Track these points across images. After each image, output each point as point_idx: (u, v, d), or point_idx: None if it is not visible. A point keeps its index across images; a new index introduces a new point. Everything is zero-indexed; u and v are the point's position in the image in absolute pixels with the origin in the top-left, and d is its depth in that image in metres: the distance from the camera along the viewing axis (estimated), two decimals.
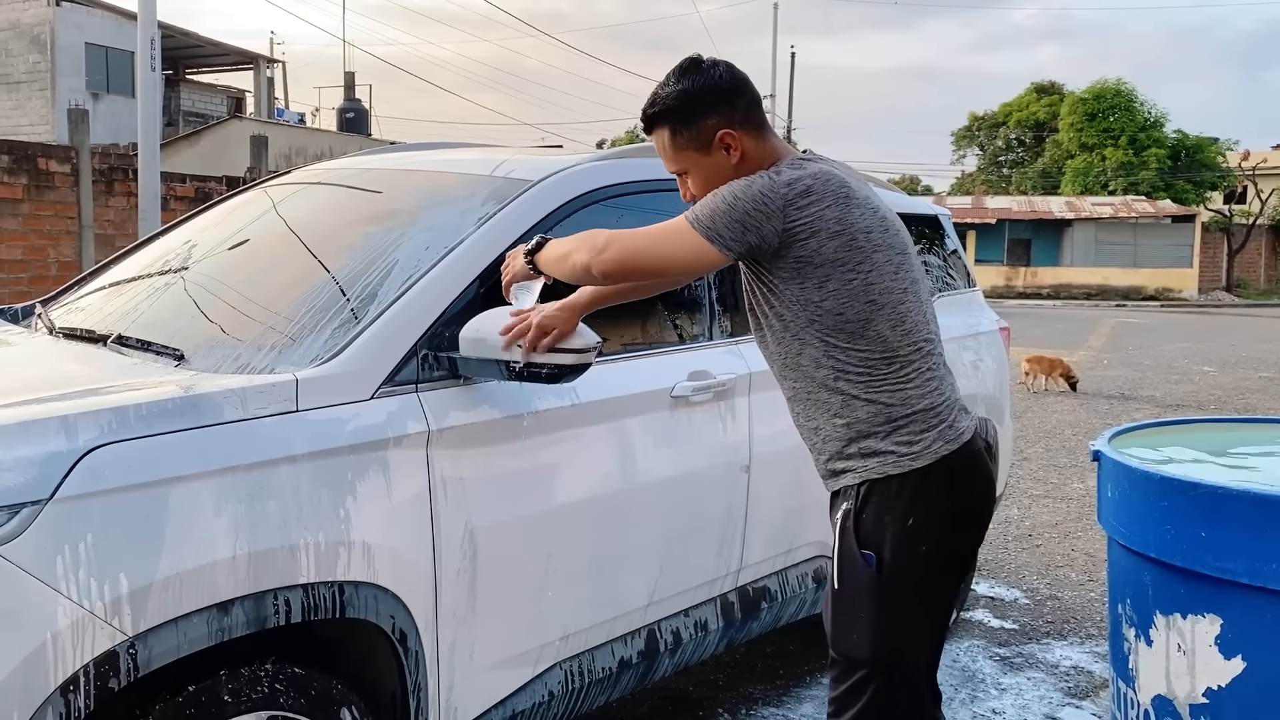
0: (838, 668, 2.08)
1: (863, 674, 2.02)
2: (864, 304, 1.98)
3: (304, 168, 3.56)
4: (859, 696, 2.02)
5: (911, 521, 1.98)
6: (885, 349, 2.00)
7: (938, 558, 2.01)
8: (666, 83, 2.13)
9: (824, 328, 2.00)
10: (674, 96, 2.11)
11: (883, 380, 2.00)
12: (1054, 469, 7.64)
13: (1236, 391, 11.84)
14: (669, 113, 2.11)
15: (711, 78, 2.11)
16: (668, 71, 2.15)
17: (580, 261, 2.09)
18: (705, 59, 2.15)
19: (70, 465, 1.80)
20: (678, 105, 2.10)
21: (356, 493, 2.16)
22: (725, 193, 1.99)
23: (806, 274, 1.98)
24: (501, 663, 2.49)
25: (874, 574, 1.99)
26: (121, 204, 9.66)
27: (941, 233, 4.55)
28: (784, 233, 1.95)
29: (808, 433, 2.14)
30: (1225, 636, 2.10)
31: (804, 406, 2.11)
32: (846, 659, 2.05)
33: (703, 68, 2.12)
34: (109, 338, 2.52)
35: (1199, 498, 2.12)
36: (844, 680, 2.05)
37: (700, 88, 2.10)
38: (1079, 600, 4.80)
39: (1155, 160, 38.26)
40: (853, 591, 2.02)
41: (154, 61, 8.39)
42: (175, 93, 29.88)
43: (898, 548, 1.99)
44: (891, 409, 1.99)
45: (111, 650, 1.81)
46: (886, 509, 1.99)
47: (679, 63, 2.15)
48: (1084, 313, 27.45)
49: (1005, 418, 4.51)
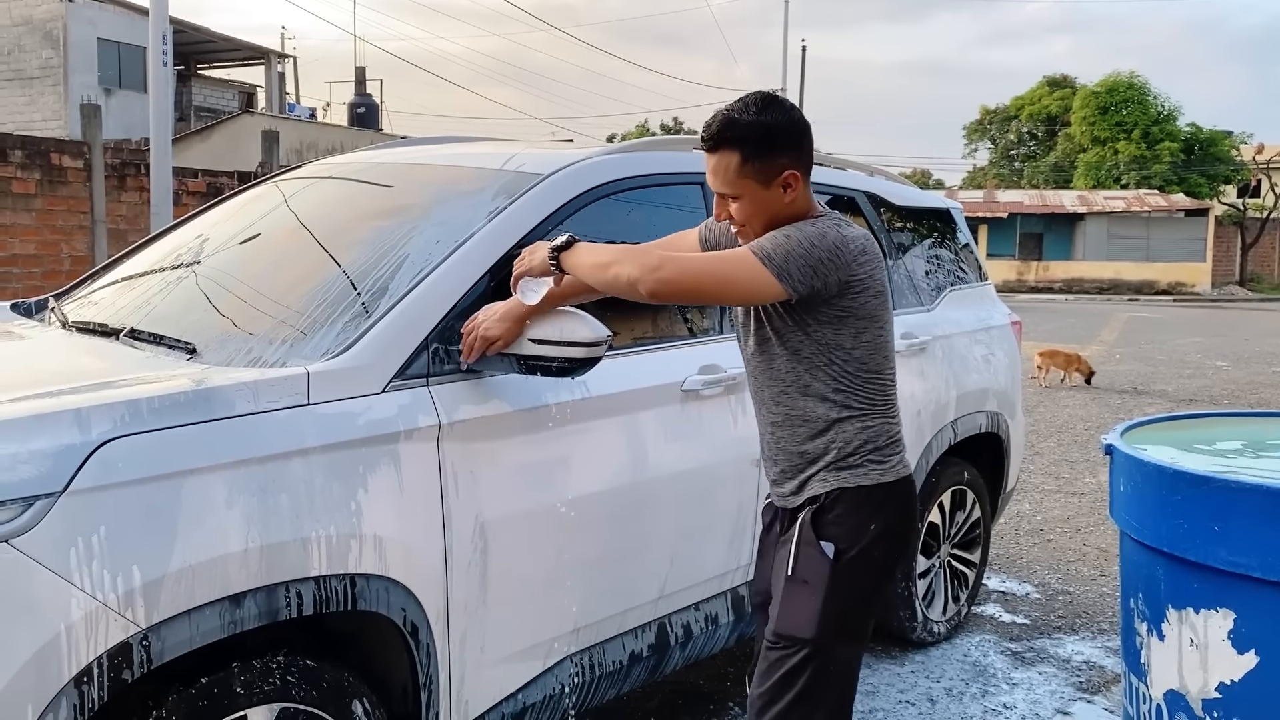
0: (778, 651, 2.17)
1: (805, 653, 2.13)
2: (882, 355, 2.23)
3: (315, 162, 3.56)
4: (797, 678, 2.13)
5: (874, 527, 2.19)
6: (883, 388, 2.24)
7: (885, 563, 2.23)
8: (745, 110, 2.15)
9: (842, 370, 2.19)
10: (756, 127, 2.13)
11: (876, 412, 2.23)
12: (1066, 464, 7.62)
13: (1250, 386, 11.78)
14: (747, 141, 2.13)
15: (791, 118, 2.17)
16: (745, 99, 2.17)
17: (628, 275, 2.11)
18: (782, 97, 2.21)
19: (83, 458, 1.81)
20: (759, 136, 2.13)
21: (368, 486, 2.17)
22: (799, 237, 2.09)
23: (846, 323, 2.16)
24: (513, 655, 2.49)
25: (831, 562, 2.16)
26: (134, 199, 9.70)
27: (953, 226, 4.53)
28: (843, 284, 2.12)
29: (791, 455, 2.27)
30: (1238, 631, 2.09)
31: (793, 430, 2.25)
32: (791, 639, 2.15)
33: (784, 106, 2.18)
34: (121, 331, 2.53)
35: (1212, 491, 2.11)
36: (783, 664, 2.15)
37: (781, 125, 2.15)
38: (1091, 595, 4.79)
39: (1168, 154, 38.04)
40: (807, 577, 2.17)
41: (166, 57, 8.40)
42: (187, 88, 29.97)
43: (857, 544, 2.17)
44: (879, 436, 2.22)
45: (125, 642, 1.82)
46: (853, 512, 2.18)
47: (757, 94, 2.18)
48: (1096, 307, 27.34)
49: (1017, 412, 4.50)
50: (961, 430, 3.99)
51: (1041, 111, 45.53)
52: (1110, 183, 38.76)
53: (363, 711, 2.20)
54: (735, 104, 2.17)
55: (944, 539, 4.09)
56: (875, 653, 3.98)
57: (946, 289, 4.20)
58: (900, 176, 4.49)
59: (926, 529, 3.94)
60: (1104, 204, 34.90)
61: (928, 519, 3.93)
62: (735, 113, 2.15)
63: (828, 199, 3.75)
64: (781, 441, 2.28)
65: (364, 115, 27.05)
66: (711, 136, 2.16)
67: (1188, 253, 33.63)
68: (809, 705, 2.13)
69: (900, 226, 4.08)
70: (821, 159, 4.06)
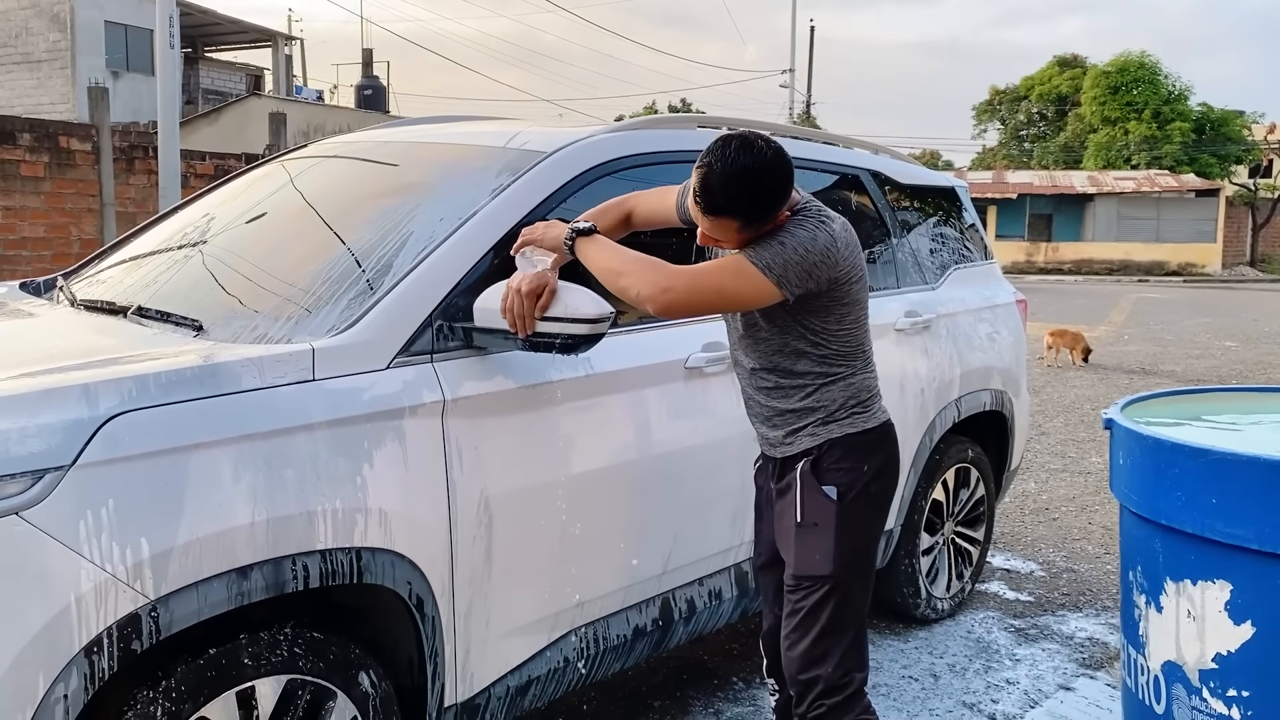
0: (800, 592, 2.35)
1: (826, 589, 2.32)
2: (862, 329, 2.39)
3: (319, 141, 3.58)
4: (821, 612, 2.32)
5: (867, 467, 2.37)
6: (863, 351, 2.41)
7: (881, 499, 2.43)
8: (733, 176, 2.14)
9: (828, 345, 2.34)
10: (748, 201, 2.16)
11: (856, 375, 2.39)
12: (1072, 443, 7.62)
13: (1259, 366, 11.75)
14: (743, 213, 2.18)
15: (778, 173, 2.17)
16: (730, 158, 2.14)
17: (636, 292, 2.22)
18: (759, 142, 2.17)
19: (92, 432, 1.84)
20: (754, 209, 2.17)
21: (373, 460, 2.19)
22: (794, 244, 2.20)
23: (832, 310, 2.31)
24: (518, 629, 2.52)
25: (836, 504, 2.34)
26: (142, 181, 9.73)
27: (959, 205, 4.52)
28: (834, 280, 2.26)
29: (778, 416, 2.42)
30: (1235, 602, 2.11)
31: (781, 396, 2.40)
32: (812, 578, 2.33)
33: (768, 160, 2.15)
34: (129, 309, 2.55)
35: (1209, 464, 2.12)
36: (806, 601, 2.34)
37: (772, 188, 2.17)
38: (1095, 573, 4.80)
39: (1179, 134, 37.76)
40: (816, 520, 2.34)
41: (173, 39, 8.41)
42: (194, 71, 29.96)
43: (856, 485, 2.35)
44: (861, 392, 2.39)
45: (134, 613, 1.85)
46: (848, 456, 2.35)
47: (736, 152, 2.14)
48: (1106, 288, 27.24)
49: (1022, 390, 4.51)
50: (966, 408, 4.00)
51: (1051, 92, 45.22)
52: (1120, 163, 38.53)
53: (369, 683, 2.24)
54: (724, 165, 2.15)
55: (948, 516, 4.10)
56: (879, 629, 4.00)
57: (951, 267, 4.20)
58: (905, 155, 4.48)
59: (931, 506, 3.96)
60: (1114, 185, 34.70)
61: (932, 496, 3.95)
62: (725, 178, 2.15)
63: (833, 178, 3.76)
64: (771, 404, 2.43)
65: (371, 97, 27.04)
66: (713, 209, 2.18)
67: (1198, 233, 33.45)
68: (835, 634, 2.32)
69: (905, 205, 4.08)
70: (826, 137, 4.06)
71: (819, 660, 2.32)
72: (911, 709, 3.39)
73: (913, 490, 3.81)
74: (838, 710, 2.32)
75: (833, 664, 2.32)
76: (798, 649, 2.34)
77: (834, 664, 2.32)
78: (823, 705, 2.32)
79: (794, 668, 2.35)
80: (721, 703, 3.41)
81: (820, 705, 2.32)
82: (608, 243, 2.33)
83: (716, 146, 2.18)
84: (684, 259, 2.89)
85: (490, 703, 2.50)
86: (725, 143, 2.17)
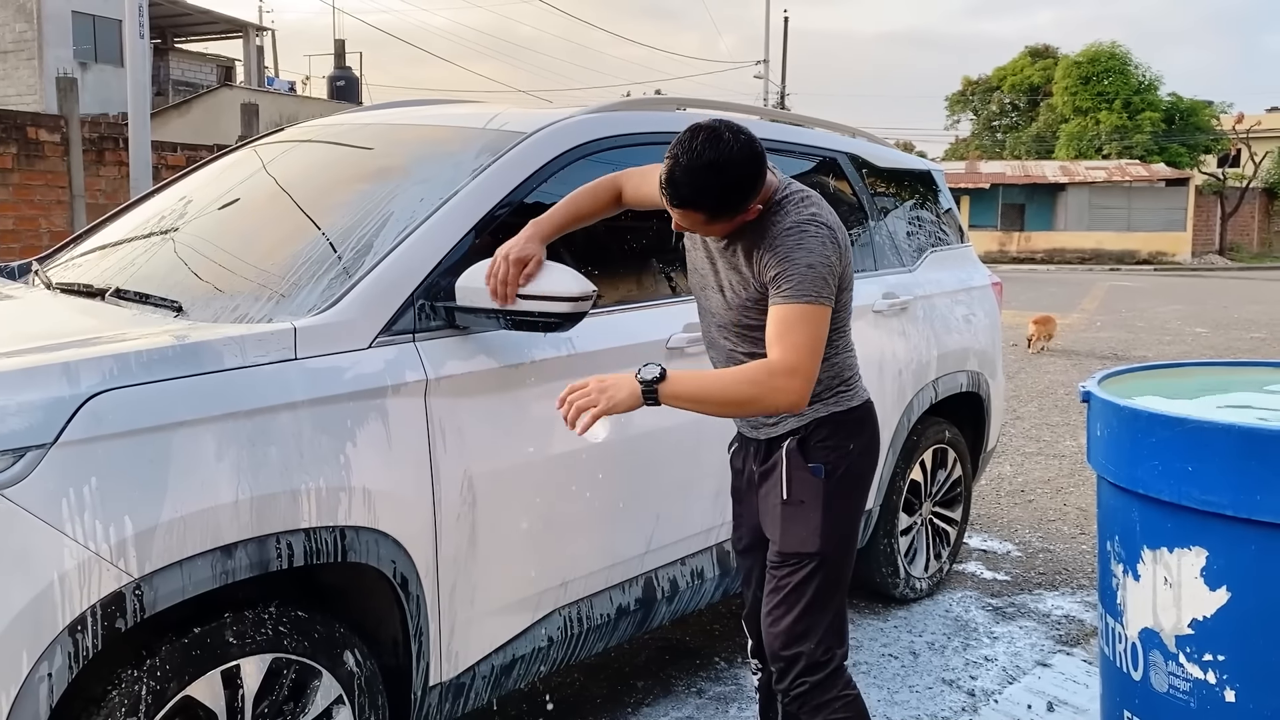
0: (786, 568, 2.36)
1: (813, 565, 2.34)
2: (847, 312, 2.39)
3: (295, 125, 3.56)
4: (807, 588, 2.34)
5: (853, 445, 2.39)
6: (846, 335, 2.42)
7: (864, 476, 2.45)
8: (698, 170, 2.08)
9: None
10: (714, 195, 2.11)
11: (839, 355, 2.38)
12: (1047, 427, 7.70)
13: (1228, 352, 11.91)
14: (709, 207, 2.13)
15: (746, 166, 2.10)
16: (696, 150, 2.08)
17: (774, 405, 2.15)
18: (726, 133, 2.10)
19: (73, 410, 1.83)
20: (721, 203, 2.12)
21: (356, 439, 2.19)
22: (813, 261, 2.16)
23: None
24: (502, 608, 2.53)
25: (823, 482, 2.35)
26: (113, 173, 9.63)
27: (935, 189, 4.56)
28: (840, 275, 2.26)
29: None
30: (1210, 568, 2.14)
31: None
32: (799, 555, 2.34)
33: (734, 153, 2.09)
34: (107, 291, 2.53)
35: (1185, 433, 2.15)
36: (792, 578, 2.35)
37: (739, 182, 2.11)
38: (1070, 552, 4.86)
39: (1149, 124, 38.12)
40: (803, 498, 2.35)
41: (142, 29, 8.31)
42: (164, 62, 29.62)
43: (842, 463, 2.37)
44: (844, 371, 2.40)
45: (118, 591, 1.84)
46: (833, 435, 2.36)
47: (702, 144, 2.09)
48: (1078, 276, 27.48)
49: (998, 372, 4.55)
50: (943, 389, 4.03)
51: (1023, 82, 45.51)
52: (1092, 153, 38.84)
53: (354, 662, 2.24)
54: (689, 159, 2.09)
55: (926, 497, 4.14)
56: (859, 608, 4.03)
57: (928, 250, 4.23)
58: (882, 139, 4.50)
59: (909, 486, 4.00)
60: (1085, 174, 34.96)
61: (910, 476, 3.98)
62: (690, 171, 2.09)
63: (811, 162, 3.78)
64: None
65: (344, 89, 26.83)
66: (679, 201, 2.14)
67: (1168, 222, 33.76)
68: (818, 611, 2.34)
69: (882, 188, 4.10)
70: (804, 120, 4.08)
71: (802, 637, 2.33)
72: (892, 686, 3.43)
73: (891, 471, 3.84)
74: (820, 687, 2.33)
75: (815, 640, 2.33)
76: (781, 625, 2.35)
77: (816, 640, 2.33)
78: (805, 683, 2.33)
79: (777, 644, 2.36)
80: (704, 682, 3.43)
81: (803, 682, 2.33)
82: (688, 377, 2.18)
83: (684, 138, 2.12)
84: (664, 241, 2.91)
85: (475, 681, 2.50)
86: (693, 134, 2.12)
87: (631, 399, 2.14)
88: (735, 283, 2.31)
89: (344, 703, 2.23)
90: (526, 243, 2.37)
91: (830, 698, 2.33)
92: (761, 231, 2.22)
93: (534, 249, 2.36)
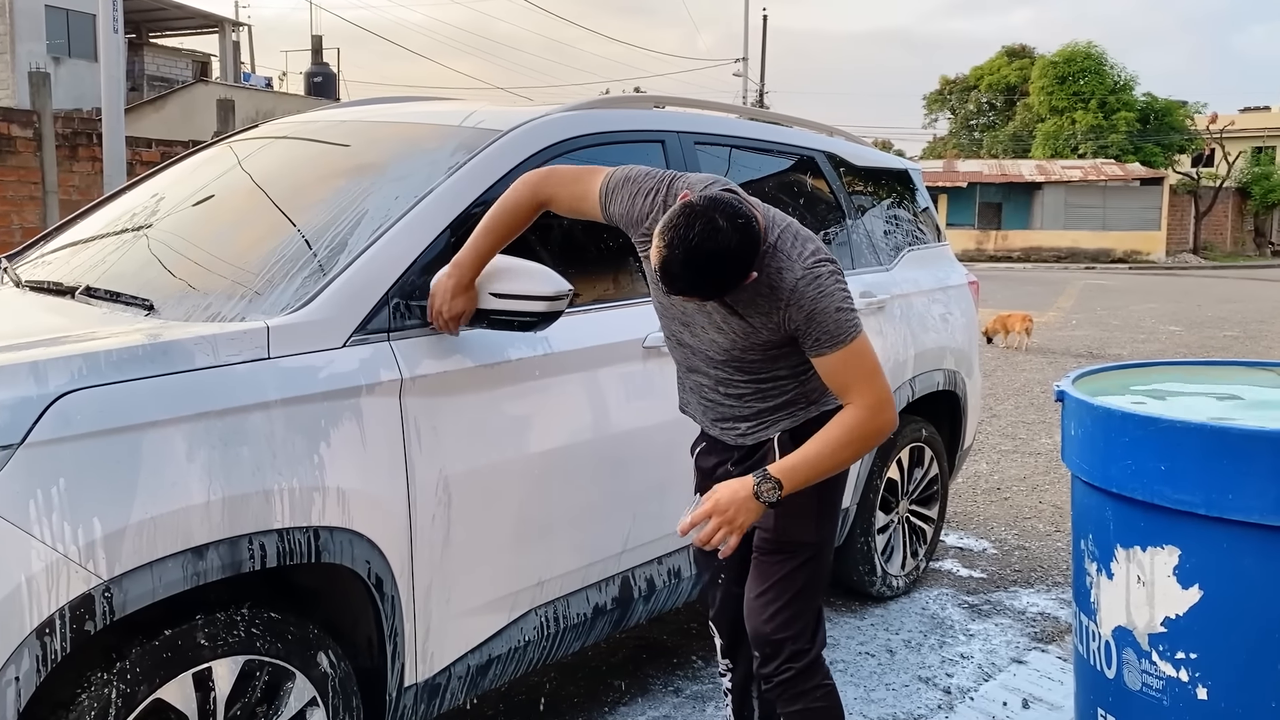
0: (780, 556, 2.39)
1: (811, 553, 2.40)
2: None
3: (270, 123, 3.53)
4: (799, 575, 2.38)
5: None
6: None
7: (845, 474, 2.47)
8: (695, 264, 1.99)
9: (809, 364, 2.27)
10: (712, 284, 2.04)
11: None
12: (1022, 425, 7.75)
13: (1201, 350, 12.02)
14: (706, 294, 2.07)
15: (743, 254, 2.02)
16: (693, 242, 1.97)
17: (880, 439, 2.22)
18: (721, 219, 2.00)
19: (41, 411, 1.80)
20: (722, 287, 2.05)
21: (330, 439, 2.17)
22: (837, 303, 2.14)
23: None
24: (478, 608, 2.51)
25: None
26: (86, 169, 9.51)
27: (912, 188, 4.57)
28: None
29: (754, 415, 2.38)
30: (1183, 567, 2.16)
31: (761, 399, 2.36)
32: (796, 543, 2.38)
33: (734, 239, 2.00)
34: (77, 289, 2.50)
35: (1158, 432, 2.17)
36: (785, 566, 2.38)
37: (737, 270, 2.03)
38: (1046, 550, 4.89)
39: (1124, 123, 38.43)
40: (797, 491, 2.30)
41: (116, 23, 8.22)
42: (139, 57, 29.36)
43: None
44: (817, 389, 2.36)
45: (87, 594, 1.81)
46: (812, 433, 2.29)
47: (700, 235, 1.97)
48: (1053, 275, 27.66)
49: (974, 371, 4.57)
50: (919, 388, 4.04)
51: (1000, 82, 45.80)
52: (1068, 152, 39.11)
53: (328, 664, 2.22)
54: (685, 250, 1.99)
55: (902, 495, 4.15)
56: (835, 606, 4.04)
57: (905, 249, 4.24)
58: (859, 138, 4.51)
59: (886, 485, 4.01)
60: (1061, 173, 35.20)
61: (887, 475, 3.99)
62: (690, 268, 2.00)
63: (790, 160, 3.78)
64: (744, 404, 2.38)
65: (321, 85, 26.66)
66: (672, 289, 2.07)
67: (1143, 221, 34.04)
68: (807, 597, 2.40)
69: (860, 187, 4.11)
70: (783, 119, 4.09)
71: (790, 623, 2.36)
72: (868, 684, 3.44)
73: (868, 469, 3.85)
74: (804, 675, 2.37)
75: (800, 628, 2.37)
76: (770, 610, 2.37)
77: (801, 628, 2.37)
78: (790, 669, 2.36)
79: (767, 629, 2.37)
80: (681, 680, 3.43)
81: (788, 669, 2.36)
82: (800, 468, 2.17)
83: (678, 223, 2.00)
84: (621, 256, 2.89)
85: (451, 682, 2.49)
86: (688, 220, 1.99)
87: (751, 516, 2.18)
88: (738, 329, 2.24)
89: (318, 704, 2.21)
90: (454, 300, 2.34)
91: (812, 685, 2.38)
92: (766, 283, 2.14)
93: (461, 305, 2.35)
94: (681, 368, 2.47)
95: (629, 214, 2.30)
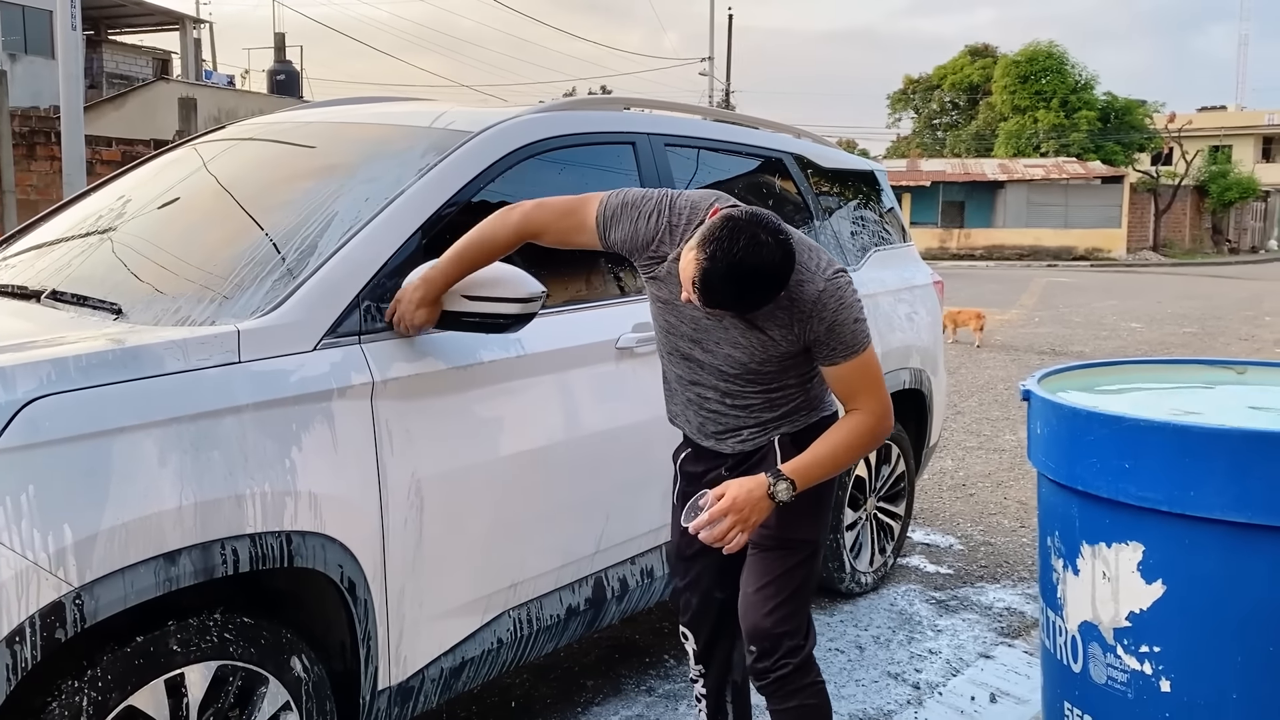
0: (780, 552, 2.40)
1: (809, 550, 2.44)
2: None
3: (237, 124, 3.50)
4: (800, 571, 2.43)
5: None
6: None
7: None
8: (741, 276, 2.01)
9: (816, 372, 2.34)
10: (754, 299, 2.08)
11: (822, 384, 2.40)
12: (987, 422, 7.83)
13: (1162, 346, 12.21)
14: (748, 309, 2.13)
15: (787, 264, 2.06)
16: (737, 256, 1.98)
17: (880, 442, 2.33)
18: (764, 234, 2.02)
19: (9, 417, 1.78)
20: (759, 303, 2.10)
21: (302, 443, 2.16)
22: (855, 314, 2.20)
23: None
24: (451, 611, 2.51)
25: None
26: (45, 168, 9.39)
27: (878, 189, 4.61)
28: None
29: (756, 420, 2.38)
30: (1147, 562, 2.20)
31: (757, 411, 2.37)
32: (799, 540, 2.42)
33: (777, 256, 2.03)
34: (42, 293, 2.47)
35: (1122, 431, 2.21)
36: (786, 562, 2.41)
37: (774, 287, 2.07)
38: (1011, 546, 4.95)
39: (1086, 122, 38.90)
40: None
41: (74, 20, 8.12)
42: (98, 54, 28.93)
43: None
44: (818, 395, 2.42)
45: (58, 601, 1.80)
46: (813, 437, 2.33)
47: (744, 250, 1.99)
48: (1016, 273, 27.96)
49: (939, 369, 4.62)
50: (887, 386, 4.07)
51: (963, 81, 46.19)
52: (1030, 151, 39.52)
53: (301, 668, 2.21)
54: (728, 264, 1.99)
55: (870, 492, 4.19)
56: None
57: (872, 249, 4.28)
58: (825, 139, 4.55)
59: (854, 482, 4.04)
60: (1024, 172, 35.58)
61: (855, 472, 4.03)
62: (732, 283, 2.02)
63: (757, 161, 3.81)
64: (751, 415, 2.38)
65: (284, 83, 26.39)
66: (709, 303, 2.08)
67: (1104, 219, 34.47)
68: (804, 594, 2.44)
69: (827, 188, 4.14)
70: (750, 120, 4.11)
71: (789, 618, 2.38)
72: (838, 680, 3.47)
73: None
74: (800, 671, 2.39)
75: (797, 624, 2.40)
76: (770, 604, 2.38)
77: (798, 624, 2.40)
78: (789, 664, 2.38)
79: (766, 623, 2.37)
80: (654, 680, 3.44)
81: (786, 663, 2.38)
82: (811, 467, 2.22)
83: (721, 236, 2.00)
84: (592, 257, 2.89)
85: (424, 685, 2.49)
86: (732, 235, 2.00)
87: (761, 514, 2.21)
88: (758, 342, 2.24)
89: (291, 709, 2.21)
90: (417, 310, 2.35)
91: (807, 682, 2.41)
92: (786, 296, 2.15)
93: (423, 318, 2.37)
94: (681, 381, 2.43)
95: (632, 239, 2.31)
